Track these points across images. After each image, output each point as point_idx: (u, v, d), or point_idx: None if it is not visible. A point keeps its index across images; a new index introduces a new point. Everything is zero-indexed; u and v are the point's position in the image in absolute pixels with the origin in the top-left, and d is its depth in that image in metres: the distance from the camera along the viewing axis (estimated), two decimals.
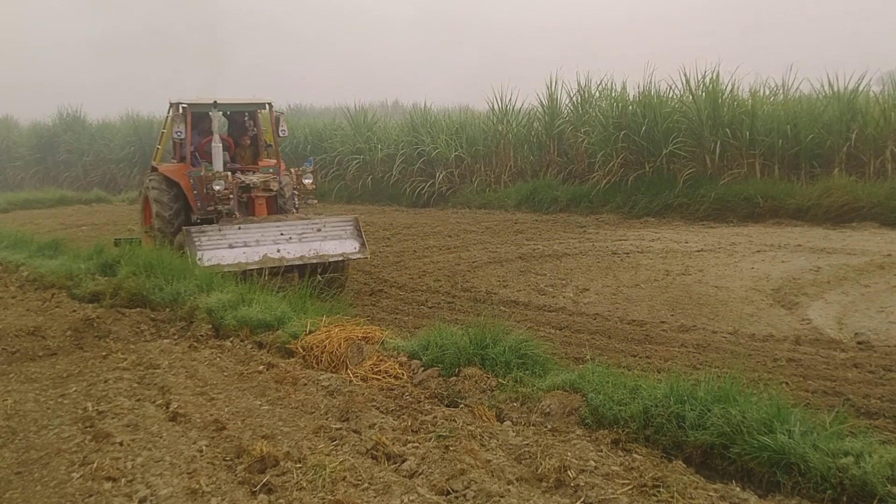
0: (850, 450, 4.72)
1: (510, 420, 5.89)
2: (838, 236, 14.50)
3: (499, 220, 19.16)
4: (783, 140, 18.15)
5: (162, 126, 14.11)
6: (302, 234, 11.19)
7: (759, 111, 19.01)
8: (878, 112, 17.53)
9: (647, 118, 19.79)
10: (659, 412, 5.45)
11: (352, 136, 25.77)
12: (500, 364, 6.59)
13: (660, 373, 6.39)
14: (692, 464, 5.13)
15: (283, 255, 10.87)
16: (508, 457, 5.14)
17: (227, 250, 10.70)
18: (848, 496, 4.48)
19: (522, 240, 16.21)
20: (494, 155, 23.43)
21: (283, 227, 11.21)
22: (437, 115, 26.21)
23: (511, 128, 23.57)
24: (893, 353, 7.63)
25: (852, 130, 17.52)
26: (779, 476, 4.76)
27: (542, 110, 23.09)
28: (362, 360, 6.99)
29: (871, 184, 16.64)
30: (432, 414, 5.90)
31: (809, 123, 18.08)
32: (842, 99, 18.23)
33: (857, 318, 8.87)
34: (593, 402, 5.78)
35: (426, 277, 12.30)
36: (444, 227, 18.09)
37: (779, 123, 18.36)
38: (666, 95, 20.34)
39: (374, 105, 35.08)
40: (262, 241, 10.92)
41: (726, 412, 5.21)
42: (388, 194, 24.09)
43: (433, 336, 7.04)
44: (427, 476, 4.83)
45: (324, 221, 11.49)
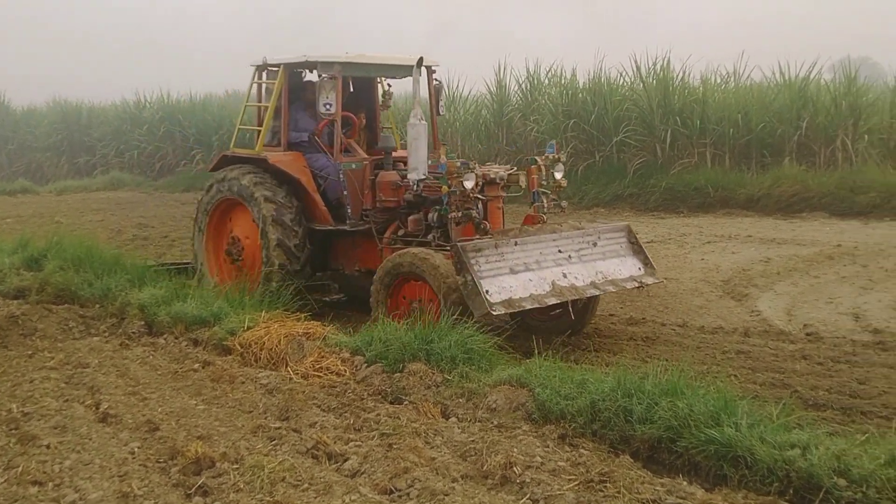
0: (797, 442, 4.71)
1: (456, 416, 5.80)
2: (788, 227, 14.63)
3: None
4: (734, 129, 18.18)
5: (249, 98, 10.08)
6: (580, 249, 8.09)
7: (710, 99, 19.04)
8: (828, 100, 17.65)
9: (598, 106, 19.75)
10: (606, 406, 5.40)
11: None
12: (446, 359, 6.49)
13: (608, 366, 6.33)
14: (639, 458, 5.08)
15: (572, 283, 7.77)
16: (453, 454, 5.06)
17: (511, 277, 7.40)
18: (794, 489, 4.47)
19: None
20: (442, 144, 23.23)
21: (560, 240, 8.01)
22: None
23: (458, 115, 23.40)
24: (841, 345, 7.66)
25: (803, 119, 17.62)
26: (725, 469, 4.73)
27: (491, 98, 22.97)
28: (303, 357, 6.84)
29: (822, 173, 16.78)
30: (375, 411, 5.80)
31: (760, 112, 18.13)
32: (793, 87, 18.30)
33: (807, 310, 8.93)
34: (540, 396, 5.72)
35: None
36: None
37: (730, 112, 18.37)
38: (616, 83, 20.33)
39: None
40: (543, 261, 7.74)
41: (674, 405, 5.17)
42: None
43: (377, 331, 6.91)
44: (370, 475, 4.75)
45: (597, 231, 8.39)
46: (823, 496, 4.31)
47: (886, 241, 12.64)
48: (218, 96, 31.25)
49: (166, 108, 28.83)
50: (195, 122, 27.20)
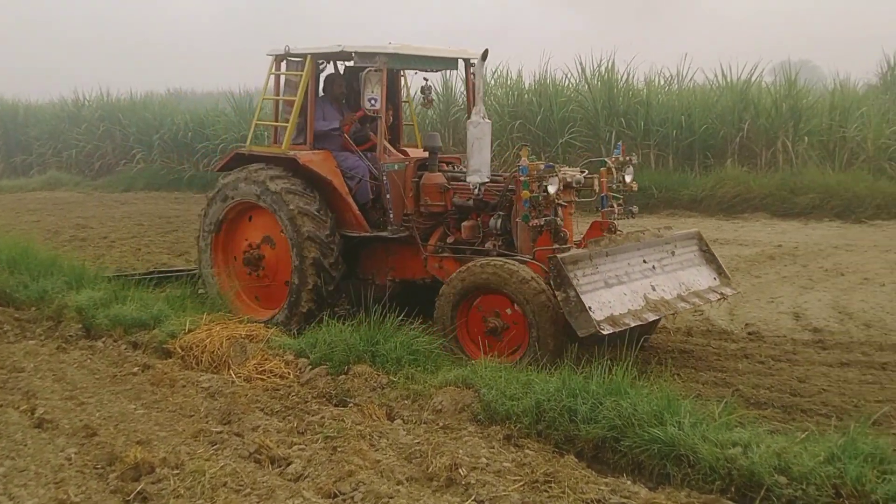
0: (739, 440, 4.78)
1: (401, 418, 5.77)
2: (731, 227, 14.86)
3: None
4: (677, 130, 18.42)
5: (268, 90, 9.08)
6: (661, 259, 7.51)
7: (654, 101, 19.26)
8: (769, 103, 17.98)
9: (543, 107, 19.87)
10: (551, 406, 5.42)
11: (236, 123, 24.89)
12: (392, 360, 6.48)
13: (553, 367, 6.34)
14: (584, 458, 5.10)
15: (661, 296, 7.15)
16: (399, 456, 5.03)
17: (607, 291, 6.79)
18: (736, 486, 4.52)
19: None
20: None
21: (644, 249, 7.40)
22: None
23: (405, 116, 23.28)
24: (782, 344, 7.79)
25: (745, 121, 17.94)
26: (669, 468, 4.78)
27: (437, 98, 22.93)
28: (246, 360, 6.75)
29: (763, 175, 17.09)
30: (320, 414, 5.75)
31: (703, 114, 18.41)
32: (735, 89, 18.60)
33: (748, 309, 9.05)
34: (486, 397, 5.72)
35: None
36: None
37: (673, 113, 18.62)
38: (562, 84, 20.47)
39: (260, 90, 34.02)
40: (631, 273, 7.12)
41: (618, 405, 5.22)
42: None
43: (321, 333, 6.86)
44: (313, 479, 4.70)
45: (673, 238, 7.76)
46: (764, 494, 4.38)
47: (826, 241, 12.92)
48: (159, 94, 30.73)
49: (106, 106, 28.18)
50: (135, 121, 26.63)
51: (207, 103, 29.59)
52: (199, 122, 25.57)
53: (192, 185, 23.36)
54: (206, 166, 24.20)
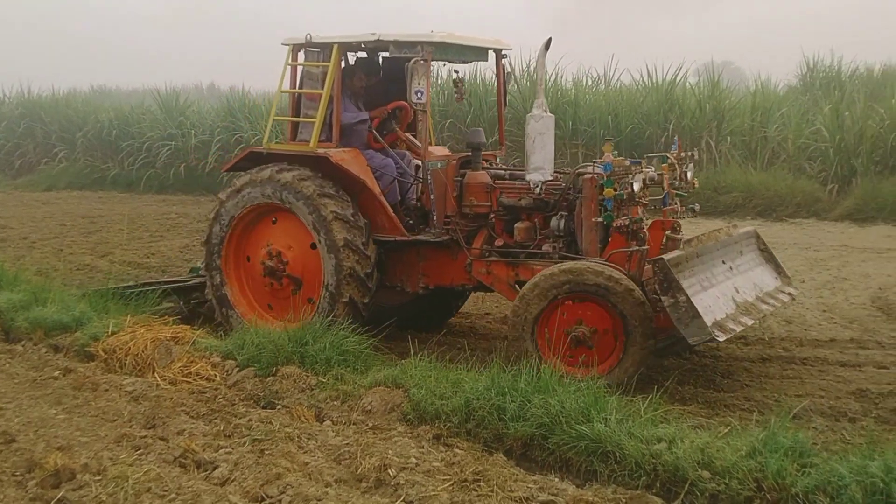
0: (664, 436, 4.88)
1: (330, 419, 5.73)
2: None
3: None
4: (605, 130, 18.63)
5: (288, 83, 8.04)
6: (734, 259, 7.21)
7: (582, 101, 19.53)
8: (694, 103, 18.42)
9: (473, 107, 19.95)
10: (481, 405, 5.45)
11: (162, 121, 24.45)
12: (321, 361, 6.43)
13: (483, 365, 6.37)
14: (513, 456, 5.14)
15: (745, 298, 6.84)
16: (327, 458, 5.00)
17: (704, 294, 6.39)
18: (661, 482, 4.60)
19: None
20: None
21: (721, 250, 7.07)
22: (256, 99, 25.40)
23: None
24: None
25: (670, 121, 18.36)
26: (596, 465, 4.84)
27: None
28: (171, 362, 6.61)
29: None
30: (247, 417, 5.66)
31: (629, 114, 18.74)
32: (660, 90, 19.05)
33: None
34: (415, 397, 5.72)
35: None
36: None
37: (601, 113, 18.90)
38: (491, 84, 20.56)
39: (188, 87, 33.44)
40: (717, 275, 6.76)
41: (546, 403, 5.27)
42: (203, 183, 23.01)
43: (249, 334, 6.75)
44: (240, 483, 4.63)
45: (740, 238, 7.48)
46: (689, 488, 4.46)
47: None
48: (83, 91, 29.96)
49: (26, 103, 27.32)
50: (58, 119, 25.89)
51: (133, 100, 29.00)
52: (124, 119, 25.01)
53: (117, 184, 22.83)
54: (131, 165, 23.67)
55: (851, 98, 18.63)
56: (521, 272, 7.19)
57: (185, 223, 16.66)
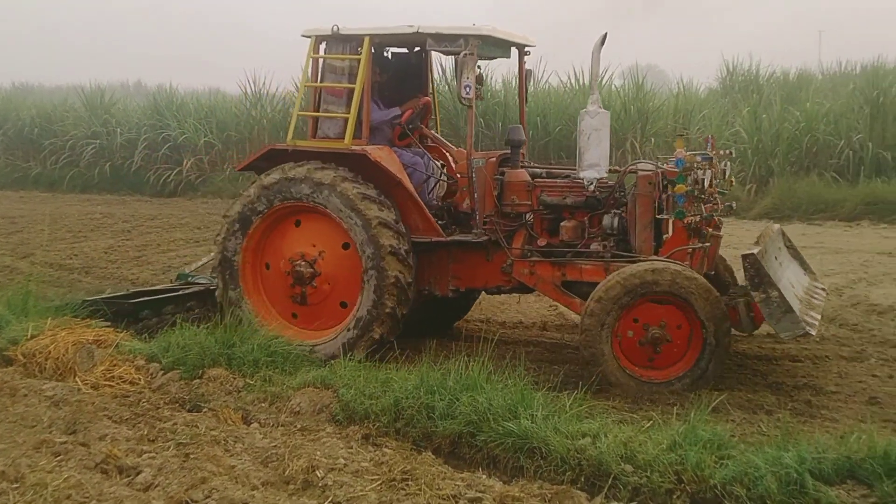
0: (588, 431, 4.96)
1: (258, 422, 5.67)
2: None
3: None
4: (533, 131, 18.83)
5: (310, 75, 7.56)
6: (779, 255, 7.18)
7: (511, 102, 19.59)
8: (619, 105, 18.68)
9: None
10: (410, 404, 5.48)
11: (87, 119, 23.93)
12: (249, 363, 6.37)
13: (412, 364, 6.38)
14: (441, 454, 5.18)
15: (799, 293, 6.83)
16: (255, 460, 4.95)
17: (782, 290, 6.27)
18: (585, 476, 4.68)
19: None
20: (248, 141, 22.68)
21: (771, 245, 6.96)
22: (185, 97, 25.01)
23: (266, 113, 22.94)
24: None
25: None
26: (522, 461, 4.90)
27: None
28: (93, 366, 6.45)
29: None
30: (172, 420, 5.57)
31: (557, 115, 18.98)
32: (586, 92, 19.19)
33: None
34: (344, 397, 5.72)
35: (171, 273, 11.55)
36: (192, 219, 17.21)
37: (529, 115, 19.07)
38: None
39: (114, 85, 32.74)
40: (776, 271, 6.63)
41: (474, 400, 5.31)
42: (129, 183, 22.60)
43: (174, 336, 6.64)
44: (164, 488, 4.55)
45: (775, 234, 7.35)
46: (612, 482, 4.54)
47: None
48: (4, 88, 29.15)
49: None
50: None
51: (56, 98, 28.26)
52: (46, 117, 24.41)
53: (39, 183, 22.28)
54: (54, 164, 23.07)
55: (769, 101, 19.30)
56: (568, 272, 7.05)
57: (109, 223, 16.33)
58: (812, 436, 4.76)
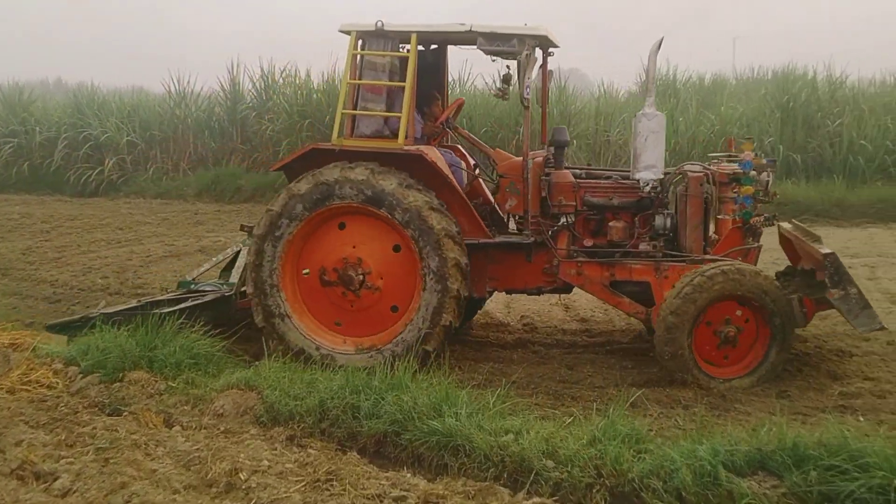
0: (511, 428, 5.03)
1: (180, 425, 5.59)
2: None
3: (177, 211, 18.26)
4: None
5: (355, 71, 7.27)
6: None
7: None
8: None
9: (332, 107, 19.88)
10: (335, 404, 5.49)
11: (4, 117, 23.23)
12: (171, 365, 6.29)
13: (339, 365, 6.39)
14: (366, 454, 5.19)
15: None
16: (176, 464, 4.88)
17: None
18: (508, 472, 4.74)
19: (203, 231, 15.58)
20: (172, 141, 22.33)
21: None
22: (107, 95, 24.46)
23: (190, 112, 22.63)
24: (554, 334, 8.30)
25: (520, 124, 18.80)
26: (447, 458, 4.94)
27: (224, 95, 22.43)
28: (9, 370, 6.25)
29: None
30: (91, 425, 5.43)
31: (483, 117, 19.24)
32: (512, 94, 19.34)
33: (524, 302, 9.49)
34: (269, 398, 5.68)
35: (91, 274, 11.32)
36: (114, 219, 16.87)
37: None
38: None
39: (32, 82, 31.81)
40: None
41: (399, 400, 5.36)
42: (48, 182, 21.99)
43: (93, 339, 6.49)
44: (82, 493, 4.46)
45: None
46: (534, 478, 4.61)
47: None
48: None
49: None
50: None
51: None
52: None
53: None
54: None
55: (685, 105, 19.85)
56: (617, 272, 7.08)
57: (28, 224, 15.92)
58: (725, 429, 4.92)
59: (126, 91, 26.57)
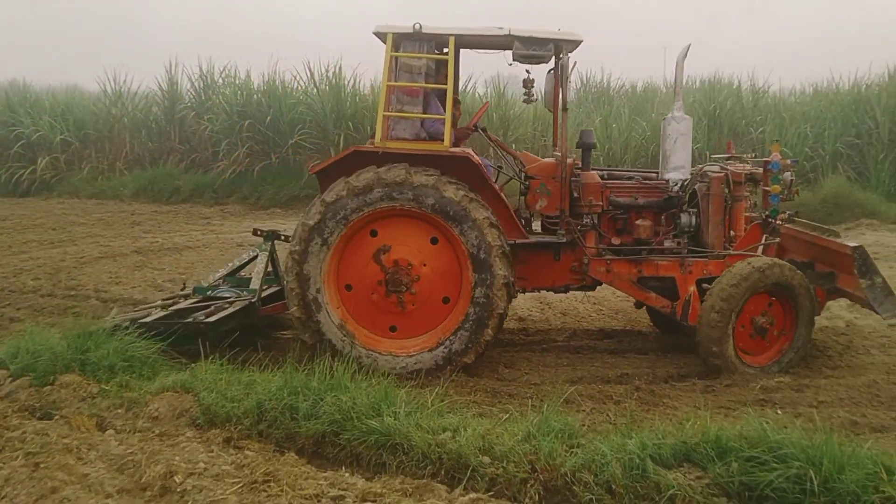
0: (449, 426, 5.09)
1: (113, 428, 5.51)
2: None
3: (113, 211, 17.95)
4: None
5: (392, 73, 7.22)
6: None
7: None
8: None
9: (273, 108, 19.82)
10: (273, 405, 5.46)
11: None
12: (104, 368, 6.18)
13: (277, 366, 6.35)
14: (305, 454, 5.19)
15: None
16: (109, 468, 4.82)
17: None
18: (446, 469, 4.79)
19: (139, 232, 15.36)
20: (108, 140, 21.93)
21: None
22: (40, 93, 23.90)
23: (127, 111, 22.26)
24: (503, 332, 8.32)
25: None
26: (385, 457, 4.98)
27: (162, 94, 22.11)
28: None
29: None
30: (21, 429, 5.32)
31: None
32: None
33: None
34: (205, 400, 5.64)
35: (23, 276, 11.07)
36: (47, 219, 16.52)
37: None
38: (290, 86, 20.51)
39: None
40: None
41: (338, 400, 5.36)
42: None
43: (23, 342, 6.35)
44: (11, 500, 4.40)
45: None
46: (471, 474, 4.67)
47: None
48: None
49: None
50: None
51: None
52: None
53: None
54: None
55: (618, 111, 20.24)
56: (645, 268, 7.36)
57: None
58: (654, 423, 5.04)
59: (60, 89, 26.01)
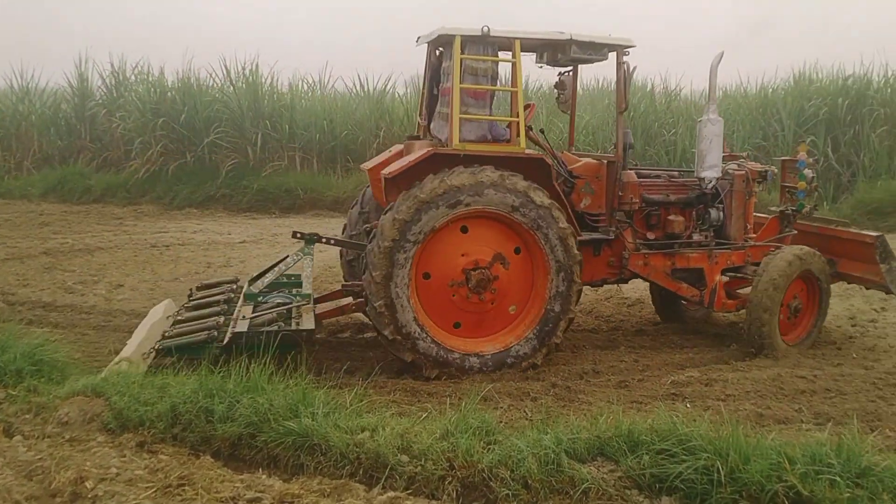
0: (367, 425, 5.10)
1: (21, 434, 5.34)
2: None
3: (20, 212, 17.41)
4: (321, 134, 19.29)
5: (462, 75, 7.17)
6: None
7: (298, 105, 19.96)
8: (402, 112, 19.53)
9: (187, 106, 19.48)
10: (187, 409, 5.38)
11: None
12: (11, 373, 5.98)
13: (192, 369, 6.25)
14: (221, 457, 5.13)
15: None
16: (17, 475, 4.68)
17: None
18: (364, 469, 4.81)
19: (49, 233, 14.93)
20: (15, 138, 21.25)
21: None
22: None
23: (35, 108, 21.58)
24: None
25: (381, 128, 19.29)
26: (303, 458, 4.96)
27: (72, 91, 21.49)
28: None
29: None
30: None
31: (344, 120, 19.48)
32: (372, 99, 19.99)
33: None
34: (117, 405, 5.51)
35: None
36: None
37: (317, 118, 19.49)
38: (206, 84, 20.21)
39: None
40: None
41: (254, 402, 5.31)
42: None
43: None
44: None
45: None
46: (389, 473, 4.70)
47: None
48: None
49: None
50: None
51: None
52: None
53: None
54: None
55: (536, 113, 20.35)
56: (678, 261, 7.90)
57: None
58: (569, 418, 5.16)
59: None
